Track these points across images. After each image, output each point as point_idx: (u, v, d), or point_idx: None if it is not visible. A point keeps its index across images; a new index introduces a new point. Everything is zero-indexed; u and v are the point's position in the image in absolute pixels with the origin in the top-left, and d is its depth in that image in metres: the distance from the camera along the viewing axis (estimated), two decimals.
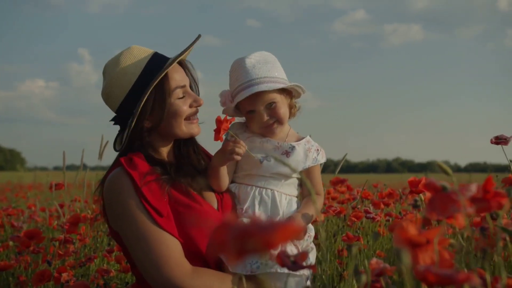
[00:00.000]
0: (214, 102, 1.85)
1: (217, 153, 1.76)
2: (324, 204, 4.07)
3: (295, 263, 0.95)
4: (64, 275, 2.47)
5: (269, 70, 1.74)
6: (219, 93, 1.81)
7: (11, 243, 3.30)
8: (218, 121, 1.71)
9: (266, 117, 1.75)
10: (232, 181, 1.82)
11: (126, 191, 1.58)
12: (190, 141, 1.83)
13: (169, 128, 1.71)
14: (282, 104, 1.78)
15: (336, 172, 3.31)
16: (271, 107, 1.75)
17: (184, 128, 1.73)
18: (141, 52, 1.68)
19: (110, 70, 1.67)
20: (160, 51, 1.72)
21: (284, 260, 0.94)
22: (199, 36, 1.72)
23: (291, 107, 1.84)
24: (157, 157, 1.71)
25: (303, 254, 0.96)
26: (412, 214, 3.63)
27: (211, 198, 1.73)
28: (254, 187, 1.76)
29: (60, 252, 2.71)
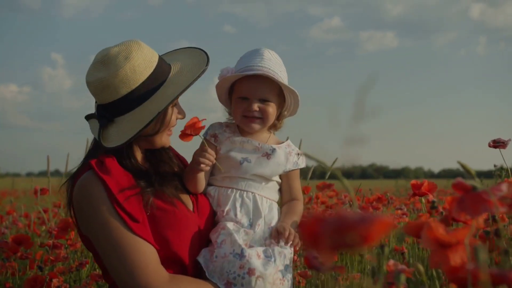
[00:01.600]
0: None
1: (190, 162, 1.74)
2: (311, 208, 4.08)
3: (323, 264, 0.94)
4: (55, 281, 2.42)
5: (280, 71, 1.75)
6: (222, 68, 1.79)
7: None
8: (190, 125, 1.69)
9: (255, 108, 1.74)
10: (210, 184, 1.80)
11: (98, 197, 1.52)
12: None
13: (154, 138, 1.68)
14: (274, 108, 1.77)
15: (326, 177, 3.32)
16: (264, 103, 1.75)
17: (163, 139, 1.71)
18: (150, 52, 1.63)
19: (119, 62, 1.57)
20: None
21: (312, 261, 0.94)
22: (208, 58, 1.69)
23: (278, 118, 1.85)
24: (133, 161, 1.66)
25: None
26: (400, 218, 3.66)
27: (187, 201, 1.70)
28: (234, 190, 1.74)
29: (51, 257, 2.65)
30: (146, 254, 1.50)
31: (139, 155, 1.71)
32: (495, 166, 3.81)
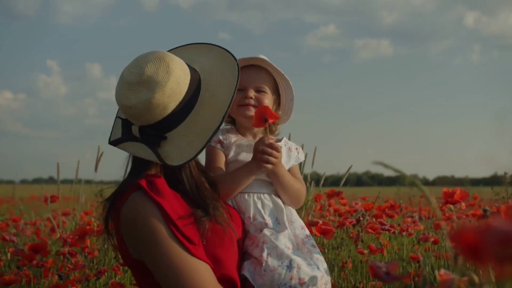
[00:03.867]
0: None
1: (251, 162, 1.71)
2: (325, 216, 4.08)
3: (388, 274, 0.93)
4: None
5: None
6: None
7: (8, 256, 3.20)
8: (265, 110, 1.67)
9: (251, 95, 1.76)
10: None
11: (154, 220, 1.47)
12: None
13: None
14: (269, 100, 1.80)
15: (341, 184, 3.32)
16: (259, 93, 1.77)
17: None
18: (180, 60, 1.60)
19: (162, 78, 1.51)
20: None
21: (376, 271, 0.93)
22: (227, 50, 1.69)
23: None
24: (187, 175, 1.61)
25: (394, 265, 0.95)
26: (412, 226, 3.66)
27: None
28: (250, 194, 1.73)
29: (70, 266, 2.63)
30: (205, 275, 1.48)
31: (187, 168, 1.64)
32: (505, 173, 3.82)
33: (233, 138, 1.80)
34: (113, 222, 1.58)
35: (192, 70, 1.62)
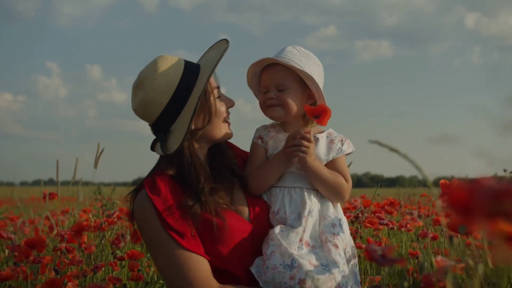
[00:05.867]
0: None
1: (280, 153, 1.72)
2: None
3: (384, 256, 0.92)
4: (69, 284, 2.38)
5: (300, 60, 1.73)
6: None
7: (6, 252, 3.19)
8: (324, 110, 1.67)
9: (271, 95, 1.74)
10: None
11: (150, 217, 1.58)
12: (219, 145, 1.79)
13: (211, 131, 1.69)
14: (294, 95, 1.74)
15: None
16: (281, 91, 1.73)
17: (222, 129, 1.72)
18: (174, 58, 1.67)
19: (149, 77, 1.62)
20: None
21: (372, 254, 0.92)
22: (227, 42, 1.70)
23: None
24: (193, 167, 1.65)
25: (390, 248, 0.94)
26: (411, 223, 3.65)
27: (241, 209, 1.70)
28: (282, 188, 1.72)
29: (66, 261, 2.62)
30: (195, 267, 1.54)
31: (202, 156, 1.73)
32: (504, 170, 3.81)
33: (272, 132, 1.80)
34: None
35: (192, 65, 1.69)
